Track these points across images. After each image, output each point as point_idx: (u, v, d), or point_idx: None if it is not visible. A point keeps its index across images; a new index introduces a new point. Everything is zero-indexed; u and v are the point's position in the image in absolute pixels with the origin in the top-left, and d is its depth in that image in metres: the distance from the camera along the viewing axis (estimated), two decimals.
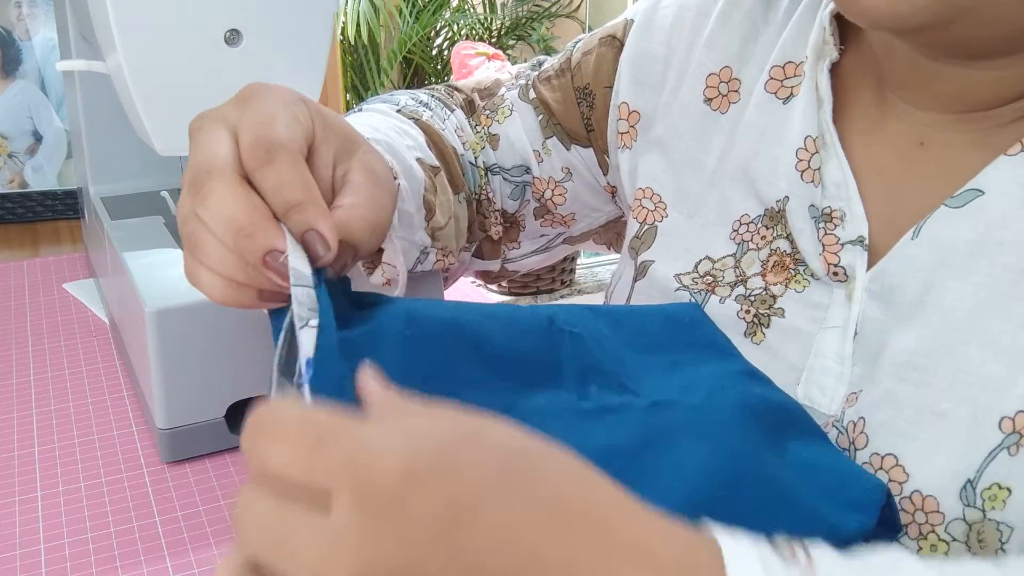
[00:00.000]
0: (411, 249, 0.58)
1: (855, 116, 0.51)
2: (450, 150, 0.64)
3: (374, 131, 0.56)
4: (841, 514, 0.38)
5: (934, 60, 0.45)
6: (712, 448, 0.38)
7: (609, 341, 0.44)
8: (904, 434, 0.43)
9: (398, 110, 0.64)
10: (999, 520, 0.40)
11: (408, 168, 0.56)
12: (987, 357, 0.41)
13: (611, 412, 0.39)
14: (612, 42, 0.64)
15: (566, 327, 0.43)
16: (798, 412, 0.44)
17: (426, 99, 0.68)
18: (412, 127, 0.62)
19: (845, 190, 0.48)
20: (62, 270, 1.09)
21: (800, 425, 0.44)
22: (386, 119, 0.61)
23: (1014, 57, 0.43)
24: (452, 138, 0.66)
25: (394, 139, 0.57)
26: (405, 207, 0.55)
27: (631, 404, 0.40)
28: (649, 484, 0.36)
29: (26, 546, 0.62)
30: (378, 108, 0.64)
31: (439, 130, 0.64)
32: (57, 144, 1.23)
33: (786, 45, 0.54)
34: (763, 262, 0.52)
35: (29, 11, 1.20)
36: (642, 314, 0.47)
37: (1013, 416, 0.40)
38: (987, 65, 0.44)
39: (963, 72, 0.45)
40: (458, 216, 0.63)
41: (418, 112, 0.65)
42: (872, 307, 0.46)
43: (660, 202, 0.59)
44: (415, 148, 0.60)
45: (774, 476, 0.38)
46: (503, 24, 2.65)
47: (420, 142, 0.61)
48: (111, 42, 0.67)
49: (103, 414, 0.78)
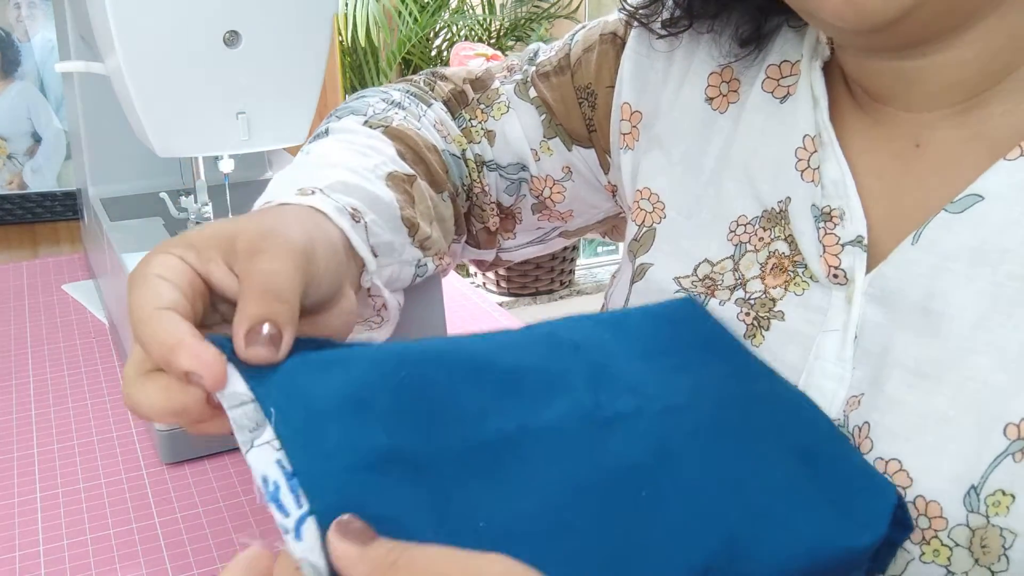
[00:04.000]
0: (404, 268, 0.57)
1: (851, 116, 0.51)
2: (427, 149, 0.62)
3: (328, 168, 0.54)
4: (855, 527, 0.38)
5: (903, 59, 0.45)
6: (728, 460, 0.38)
7: (611, 346, 0.43)
8: (908, 439, 0.43)
9: (365, 121, 0.62)
10: (1003, 526, 0.40)
11: (374, 198, 0.54)
12: (994, 365, 0.41)
13: (625, 418, 0.38)
14: (614, 40, 0.63)
15: (567, 336, 0.42)
16: (809, 409, 0.44)
17: (399, 97, 0.66)
18: (380, 139, 0.60)
19: (843, 188, 0.48)
20: (61, 271, 1.09)
21: (813, 423, 0.43)
22: (351, 141, 0.59)
23: (973, 32, 0.43)
24: (430, 134, 0.64)
25: (354, 169, 0.55)
26: (380, 239, 0.53)
27: (644, 409, 0.39)
28: (666, 507, 0.36)
29: (25, 547, 0.62)
30: (344, 125, 0.62)
31: (412, 132, 0.62)
32: (56, 145, 1.23)
33: (783, 44, 0.54)
34: (761, 264, 0.51)
35: (28, 12, 1.19)
36: (639, 317, 0.47)
37: (1018, 423, 0.40)
38: (953, 45, 0.44)
39: (934, 61, 0.45)
40: (443, 217, 0.62)
41: (387, 118, 0.63)
42: (872, 311, 0.46)
43: (659, 203, 0.59)
44: (382, 165, 0.57)
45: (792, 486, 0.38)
46: (502, 25, 2.65)
47: (389, 155, 0.59)
48: (110, 43, 0.67)
49: (102, 415, 0.78)
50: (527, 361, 0.40)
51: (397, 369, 0.36)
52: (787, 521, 0.37)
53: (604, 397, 0.39)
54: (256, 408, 0.34)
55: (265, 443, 0.33)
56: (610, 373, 0.41)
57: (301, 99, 0.74)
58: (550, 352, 0.41)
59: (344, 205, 0.50)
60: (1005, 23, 0.43)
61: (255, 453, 0.33)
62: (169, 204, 0.83)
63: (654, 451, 0.37)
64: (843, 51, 0.50)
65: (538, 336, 0.42)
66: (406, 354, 0.37)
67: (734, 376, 0.44)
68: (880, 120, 0.49)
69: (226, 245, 0.40)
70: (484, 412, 0.36)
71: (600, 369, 0.41)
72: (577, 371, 0.40)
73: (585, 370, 0.40)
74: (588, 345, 0.42)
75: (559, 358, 0.41)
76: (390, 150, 0.60)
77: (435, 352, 0.38)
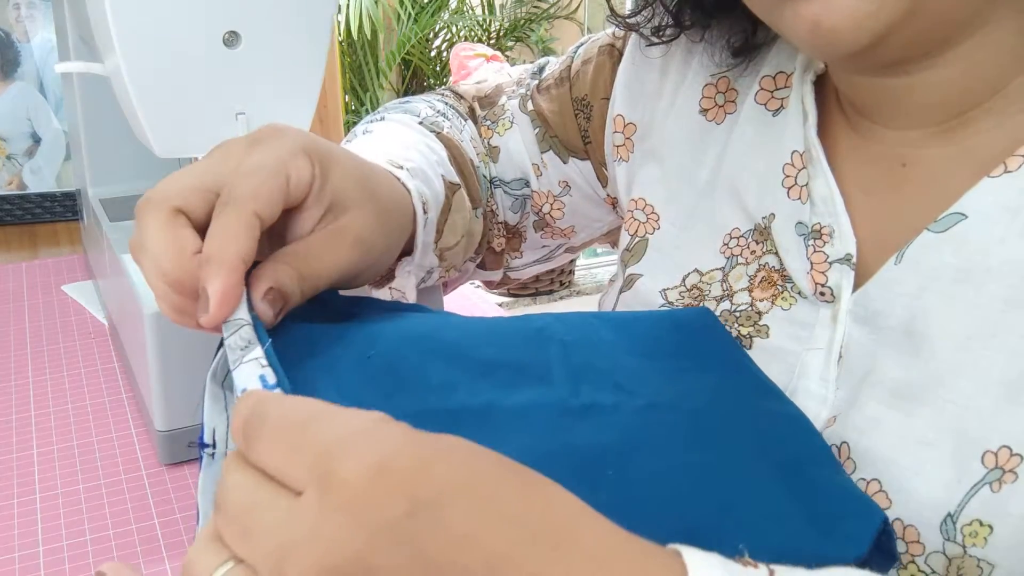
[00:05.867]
0: (418, 272, 0.57)
1: (841, 132, 0.50)
2: (469, 163, 0.63)
3: (405, 149, 0.55)
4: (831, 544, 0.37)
5: (887, 77, 0.45)
6: (702, 458, 0.37)
7: (608, 346, 0.43)
8: (888, 460, 0.42)
9: (420, 122, 0.63)
10: (980, 557, 0.39)
11: (436, 195, 0.55)
12: (976, 388, 0.40)
13: (601, 411, 0.38)
14: (611, 52, 0.63)
15: (556, 336, 0.42)
16: (806, 429, 0.43)
17: (443, 108, 0.67)
18: (435, 141, 0.61)
19: (832, 205, 0.47)
20: (61, 272, 1.09)
21: (807, 443, 0.42)
22: (413, 133, 0.60)
23: (957, 51, 0.42)
24: (469, 150, 0.65)
25: (426, 160, 0.56)
26: (426, 238, 0.54)
27: (624, 404, 0.39)
28: (630, 489, 0.35)
29: (25, 548, 0.62)
30: (400, 119, 0.63)
31: (458, 143, 0.63)
32: (55, 146, 1.23)
33: (778, 55, 0.53)
34: (751, 277, 0.51)
35: (28, 13, 1.20)
36: (650, 320, 0.46)
37: (996, 451, 0.39)
38: (937, 64, 0.43)
39: (918, 79, 0.44)
40: (472, 232, 0.62)
41: (439, 124, 0.64)
42: (857, 330, 0.45)
43: (652, 213, 0.58)
44: (440, 164, 0.58)
45: (765, 494, 0.38)
46: (502, 26, 2.65)
47: (443, 158, 0.60)
48: (110, 44, 0.67)
49: (102, 416, 0.78)
50: (508, 354, 0.40)
51: (367, 347, 0.38)
52: (753, 524, 0.36)
53: (585, 389, 0.39)
54: (250, 329, 0.37)
55: (253, 359, 0.35)
56: (598, 369, 0.40)
57: (301, 99, 0.74)
58: (536, 347, 0.41)
59: (421, 193, 0.52)
60: (990, 41, 0.42)
61: (243, 368, 0.35)
62: None
63: (623, 438, 0.37)
64: (832, 66, 0.49)
65: (528, 328, 0.42)
66: (380, 333, 0.39)
67: (732, 387, 0.44)
68: (868, 137, 0.48)
69: (346, 198, 0.44)
70: (452, 387, 0.37)
71: (586, 366, 0.40)
72: (559, 367, 0.40)
73: (568, 367, 0.40)
74: (580, 344, 0.42)
75: (542, 353, 0.41)
76: (443, 153, 0.61)
77: (414, 332, 0.40)
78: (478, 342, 0.40)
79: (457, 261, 0.61)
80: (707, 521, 0.35)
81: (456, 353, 0.39)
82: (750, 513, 0.36)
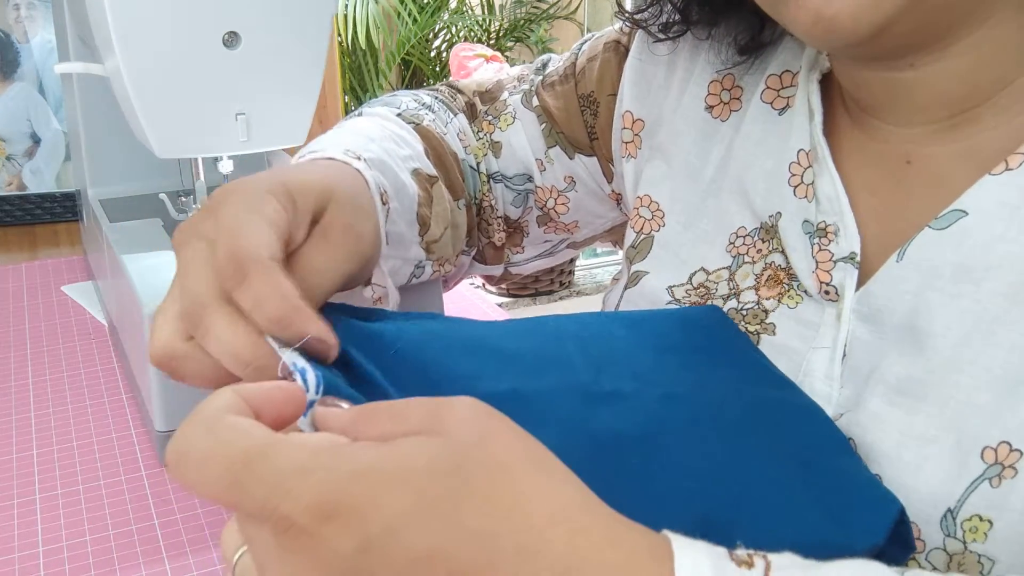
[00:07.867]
0: (404, 266, 0.57)
1: (847, 130, 0.50)
2: (450, 156, 0.63)
3: (368, 141, 0.55)
4: (848, 533, 0.37)
5: (891, 71, 0.45)
6: (720, 448, 0.38)
7: (622, 341, 0.43)
8: (891, 457, 0.42)
9: (398, 114, 0.64)
10: (980, 552, 0.39)
11: (400, 186, 0.55)
12: (977, 384, 0.41)
13: (622, 398, 0.39)
14: (617, 48, 0.63)
15: (571, 332, 0.42)
16: (822, 420, 0.44)
17: (429, 101, 0.67)
18: (410, 133, 0.62)
19: (837, 204, 0.47)
20: (60, 273, 1.09)
21: (822, 434, 0.43)
22: (384, 125, 0.61)
23: (961, 44, 0.42)
24: (454, 142, 0.65)
25: (389, 152, 0.56)
26: (396, 228, 0.54)
27: (644, 393, 0.39)
28: (652, 477, 0.36)
29: (25, 549, 0.62)
30: (378, 112, 0.64)
31: (440, 135, 0.63)
32: (55, 146, 1.23)
33: (784, 54, 0.53)
34: (757, 276, 0.51)
35: (27, 13, 1.20)
36: (661, 317, 0.47)
37: (996, 446, 0.39)
38: (942, 57, 0.43)
39: (923, 72, 0.44)
40: (456, 223, 0.62)
41: (419, 116, 0.64)
42: (860, 329, 0.45)
43: (658, 210, 0.58)
44: (412, 158, 0.59)
45: (782, 483, 0.38)
46: (501, 26, 2.65)
47: (418, 151, 0.60)
48: (109, 45, 0.67)
49: (101, 417, 0.78)
50: (529, 345, 0.41)
51: (394, 342, 0.39)
52: (768, 515, 0.36)
53: (605, 377, 0.39)
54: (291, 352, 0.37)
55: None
56: (614, 359, 0.41)
57: (300, 100, 0.74)
58: (554, 342, 0.42)
59: (379, 183, 0.51)
60: (994, 36, 0.42)
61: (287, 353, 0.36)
62: (169, 205, 0.83)
63: (644, 427, 0.38)
64: (837, 62, 0.49)
65: (544, 329, 0.43)
66: (403, 329, 0.40)
67: (747, 380, 0.44)
68: (873, 135, 0.48)
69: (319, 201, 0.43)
70: (478, 375, 0.38)
71: (604, 358, 0.41)
72: (578, 356, 0.41)
73: (587, 357, 0.41)
74: (596, 338, 0.42)
75: (561, 347, 0.41)
76: (419, 146, 0.61)
77: (434, 329, 0.40)
78: (498, 337, 0.41)
79: (446, 253, 0.61)
80: (724, 510, 0.36)
81: (478, 346, 0.40)
82: (767, 503, 0.37)
